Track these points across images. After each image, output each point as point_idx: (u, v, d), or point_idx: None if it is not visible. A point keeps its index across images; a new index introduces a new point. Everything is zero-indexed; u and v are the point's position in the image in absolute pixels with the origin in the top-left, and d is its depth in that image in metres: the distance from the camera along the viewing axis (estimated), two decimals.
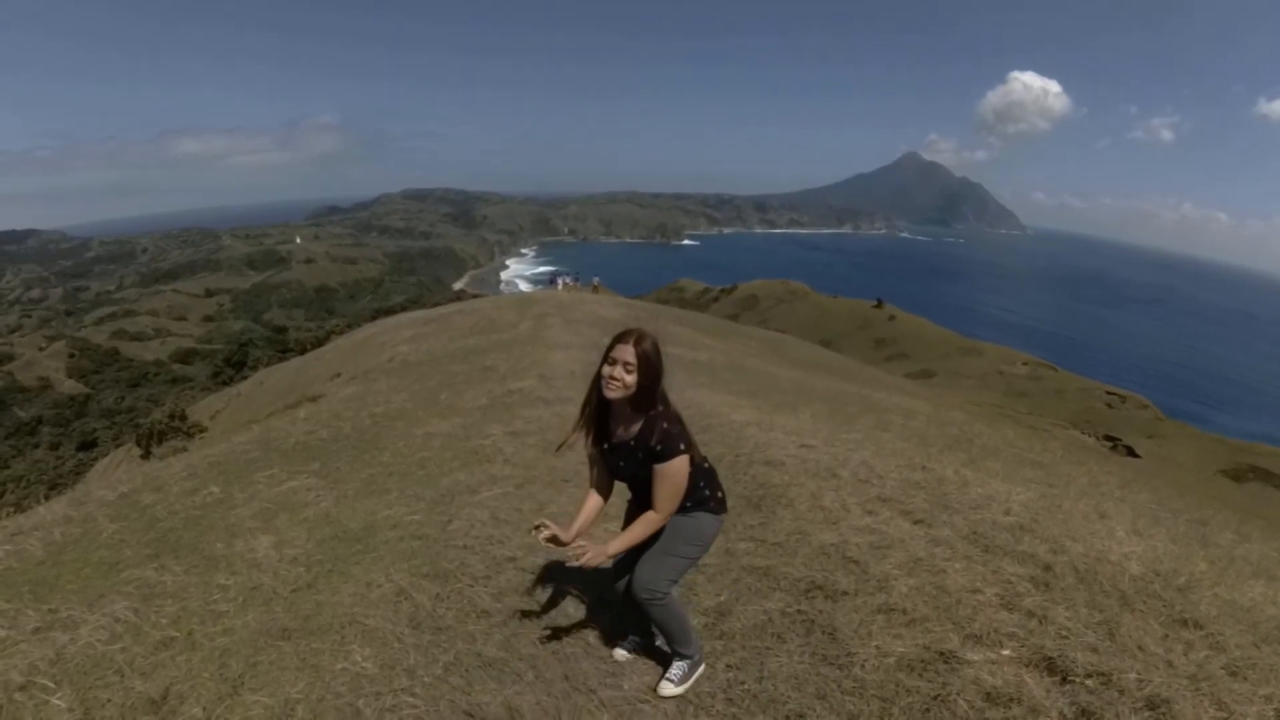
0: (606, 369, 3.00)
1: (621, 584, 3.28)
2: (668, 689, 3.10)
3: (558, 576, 4.05)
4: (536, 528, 3.07)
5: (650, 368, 2.97)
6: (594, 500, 3.31)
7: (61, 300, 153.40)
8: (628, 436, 3.09)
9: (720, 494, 3.21)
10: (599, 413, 3.17)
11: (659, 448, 2.97)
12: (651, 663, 3.27)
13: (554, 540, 3.04)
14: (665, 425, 2.99)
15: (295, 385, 20.99)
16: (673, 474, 2.97)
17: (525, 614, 3.64)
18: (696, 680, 3.16)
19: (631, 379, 2.96)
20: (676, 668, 3.14)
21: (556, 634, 3.49)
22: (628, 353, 2.96)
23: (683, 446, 2.98)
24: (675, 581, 3.13)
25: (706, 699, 3.02)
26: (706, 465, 3.21)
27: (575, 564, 2.89)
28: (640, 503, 3.20)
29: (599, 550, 2.90)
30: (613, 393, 2.99)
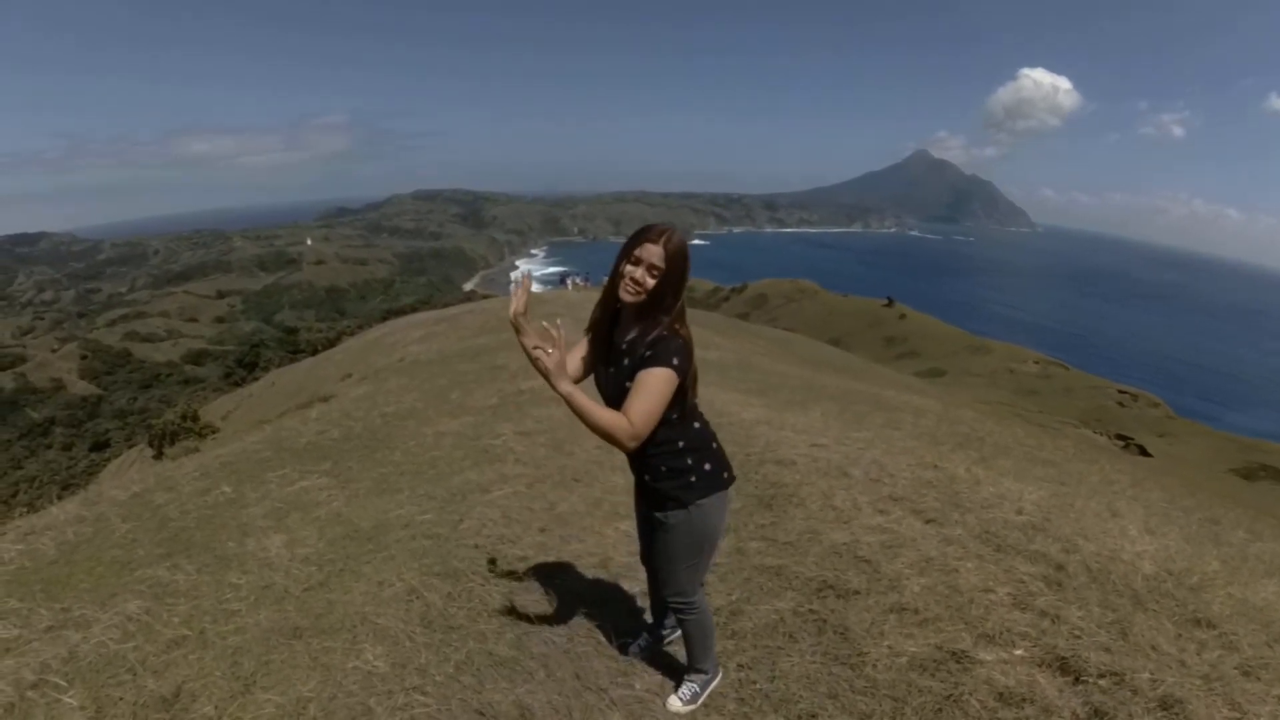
0: (628, 268, 2.61)
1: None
2: (675, 704, 3.04)
3: (570, 575, 4.06)
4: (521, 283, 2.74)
5: (677, 273, 2.60)
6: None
7: (73, 302, 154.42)
8: (621, 341, 2.72)
9: (709, 466, 2.77)
10: (607, 319, 2.82)
11: (647, 353, 2.58)
12: (662, 663, 3.26)
13: (516, 317, 2.67)
14: (664, 333, 2.60)
15: (306, 385, 21.06)
16: (648, 384, 2.54)
17: (537, 613, 3.64)
18: (709, 696, 3.07)
19: (653, 283, 2.59)
20: (687, 687, 3.06)
21: (568, 633, 3.48)
22: (655, 254, 2.57)
23: (676, 361, 2.55)
24: (700, 581, 2.92)
25: (718, 698, 3.02)
26: (698, 426, 2.79)
27: (533, 357, 2.48)
28: (637, 472, 2.85)
29: (561, 366, 2.44)
30: (630, 296, 2.61)
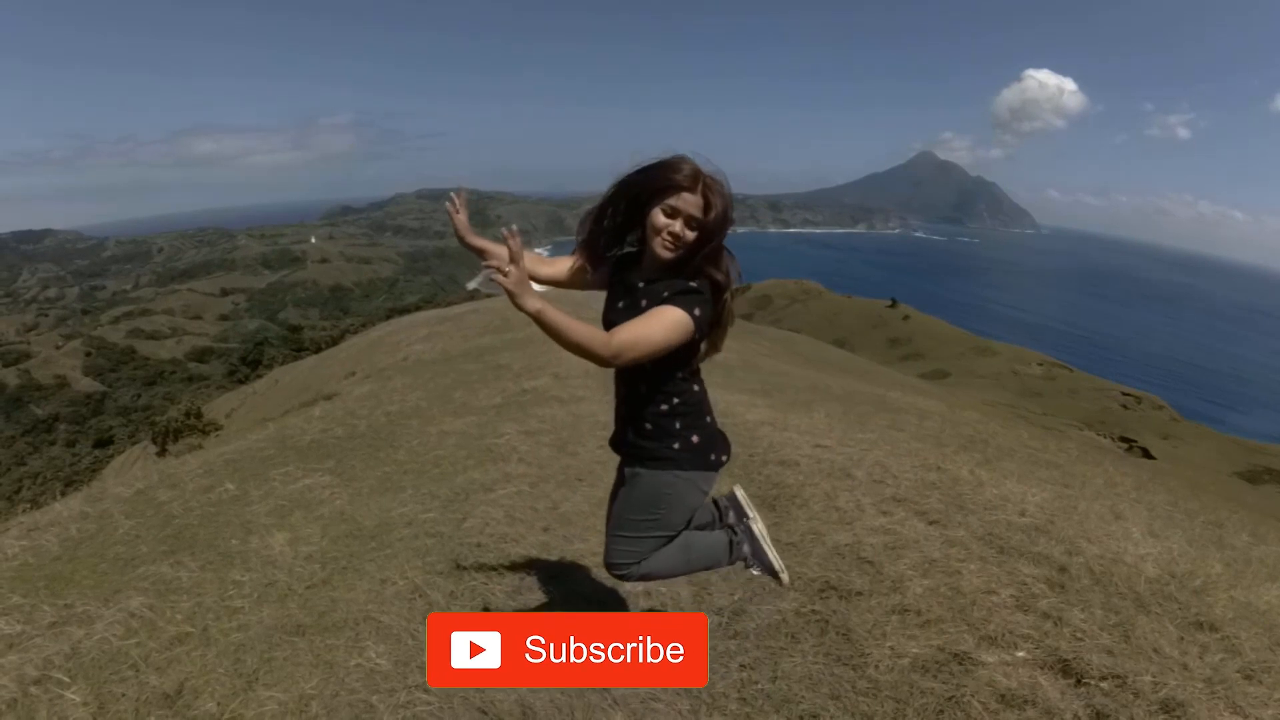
0: (663, 221, 2.30)
1: None
2: (786, 581, 2.93)
3: (573, 575, 4.06)
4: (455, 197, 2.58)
5: (720, 223, 2.30)
6: (534, 259, 2.68)
7: (78, 299, 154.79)
8: (640, 280, 2.48)
9: (696, 439, 2.54)
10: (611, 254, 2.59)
11: (666, 294, 2.31)
12: None
13: (463, 240, 2.68)
14: (693, 284, 2.32)
15: (310, 384, 21.09)
16: (657, 316, 2.25)
17: (538, 611, 3.64)
18: (775, 552, 2.90)
19: (693, 237, 2.31)
20: (751, 573, 2.93)
21: None
22: (694, 205, 2.28)
23: (697, 313, 2.27)
24: (642, 556, 2.64)
25: (720, 698, 3.01)
26: (697, 389, 2.56)
27: (490, 277, 2.06)
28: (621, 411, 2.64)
29: (524, 284, 2.02)
30: (669, 254, 2.33)
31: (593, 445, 6.32)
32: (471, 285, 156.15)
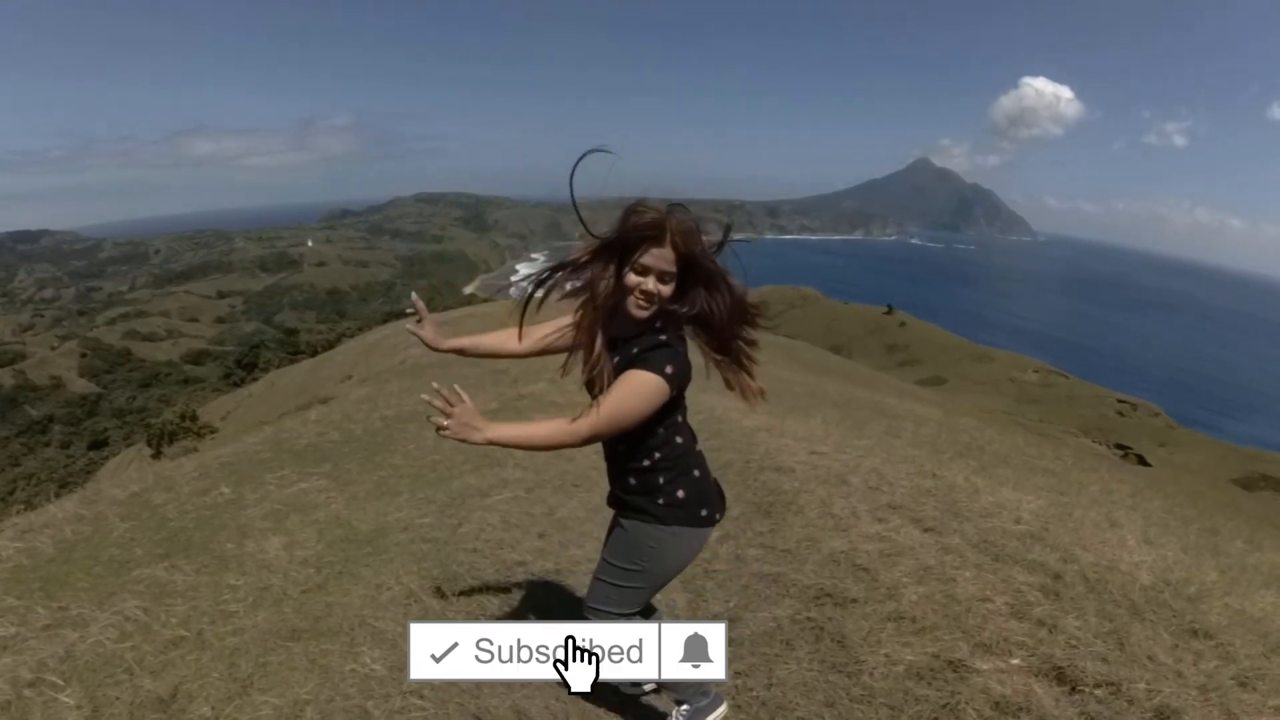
0: (634, 279, 2.18)
1: None
2: None
3: (568, 580, 4.06)
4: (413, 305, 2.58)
5: (698, 270, 2.23)
6: (505, 335, 2.75)
7: (74, 300, 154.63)
8: (615, 335, 2.34)
9: (682, 494, 2.42)
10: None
11: (636, 351, 2.24)
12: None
13: (423, 332, 2.63)
14: (663, 338, 2.24)
15: (307, 387, 21.08)
16: (627, 385, 2.18)
17: (534, 618, 3.64)
18: None
19: (669, 290, 2.21)
20: (678, 715, 2.70)
21: None
22: (666, 259, 2.17)
23: (669, 370, 2.19)
24: (625, 613, 2.55)
25: None
26: (680, 441, 2.45)
27: (433, 425, 2.12)
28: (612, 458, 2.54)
29: (469, 425, 2.10)
30: (643, 312, 2.22)
31: (589, 451, 6.31)
32: (468, 290, 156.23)
